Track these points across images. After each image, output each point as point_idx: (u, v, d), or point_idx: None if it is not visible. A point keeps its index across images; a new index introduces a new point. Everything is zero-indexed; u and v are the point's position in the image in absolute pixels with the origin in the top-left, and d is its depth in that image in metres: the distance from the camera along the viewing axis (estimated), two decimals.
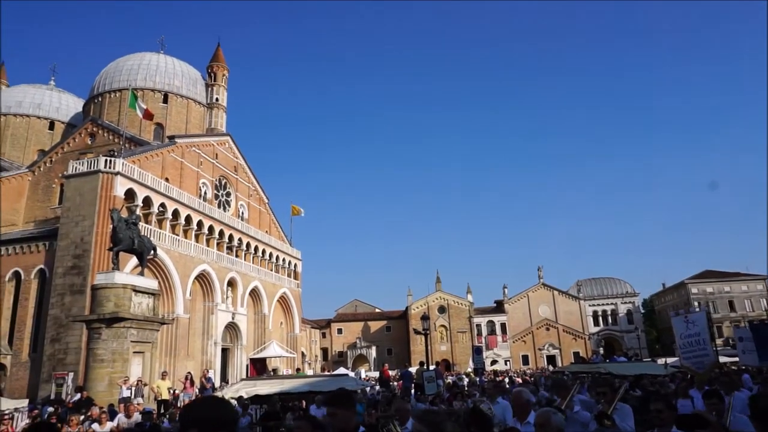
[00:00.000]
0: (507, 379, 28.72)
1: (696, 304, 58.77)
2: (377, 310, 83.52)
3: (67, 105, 51.53)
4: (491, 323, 70.12)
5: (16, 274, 33.06)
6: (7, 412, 15.80)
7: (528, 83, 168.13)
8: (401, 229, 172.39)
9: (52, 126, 49.76)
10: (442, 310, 69.98)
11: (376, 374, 41.80)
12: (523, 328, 69.46)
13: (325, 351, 75.22)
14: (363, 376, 41.53)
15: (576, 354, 63.28)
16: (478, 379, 25.04)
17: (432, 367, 22.25)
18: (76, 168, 32.35)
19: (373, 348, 70.52)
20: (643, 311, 74.08)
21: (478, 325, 69.57)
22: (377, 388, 23.00)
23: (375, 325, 75.96)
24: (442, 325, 69.20)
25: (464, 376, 31.03)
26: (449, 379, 26.95)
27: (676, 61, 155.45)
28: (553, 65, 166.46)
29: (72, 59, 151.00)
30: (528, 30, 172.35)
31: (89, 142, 41.42)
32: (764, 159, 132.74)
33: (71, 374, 26.85)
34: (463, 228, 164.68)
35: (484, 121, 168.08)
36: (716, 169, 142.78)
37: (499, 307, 72.19)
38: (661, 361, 26.96)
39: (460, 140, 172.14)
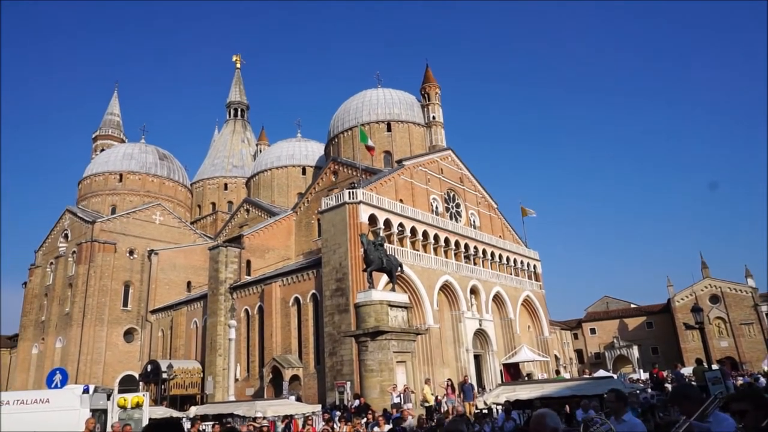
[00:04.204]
0: None
1: None
2: (633, 306, 75.98)
3: (312, 151, 59.85)
4: None
5: (297, 300, 39.13)
6: (308, 414, 18.75)
7: None
8: (647, 213, 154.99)
9: (304, 171, 58.34)
10: (714, 299, 60.25)
11: (643, 376, 37.95)
12: None
13: (579, 353, 71.22)
14: (640, 377, 37.77)
15: None
16: None
17: (714, 367, 19.27)
18: (327, 204, 37.18)
19: (635, 347, 64.07)
20: None
21: None
22: (649, 391, 20.77)
23: (633, 322, 69.13)
24: (719, 317, 59.43)
25: (761, 377, 25.97)
26: (739, 380, 22.94)
27: None
28: None
29: (311, 111, 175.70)
30: None
31: (333, 179, 47.29)
32: None
33: (348, 383, 30.36)
34: (730, 200, 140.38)
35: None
36: None
37: None
38: None
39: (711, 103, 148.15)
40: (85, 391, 12.15)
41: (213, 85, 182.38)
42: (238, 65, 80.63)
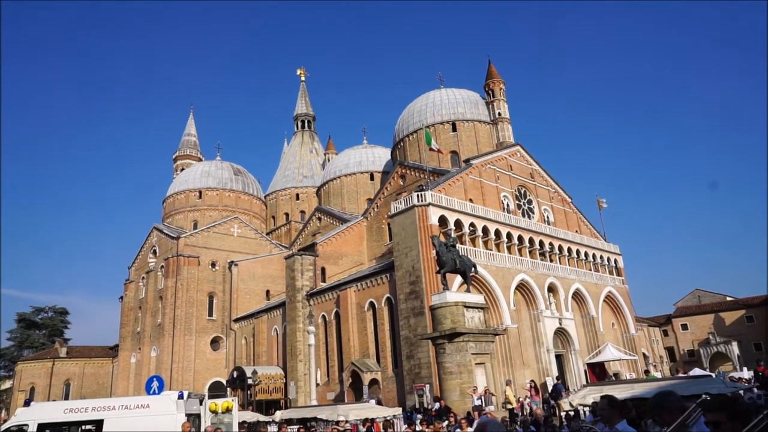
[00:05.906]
0: None
1: None
2: (729, 299, 70.66)
3: (379, 156, 60.37)
4: None
5: (372, 304, 39.50)
6: (389, 418, 18.84)
7: None
8: (738, 199, 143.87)
9: (372, 177, 58.95)
10: None
11: (746, 375, 35.18)
12: None
13: (670, 351, 67.15)
14: (743, 376, 34.87)
15: None
16: None
17: None
18: (396, 208, 37.28)
19: (734, 343, 59.53)
20: None
21: None
22: (755, 390, 19.19)
23: (730, 317, 64.30)
24: None
25: None
26: None
27: None
28: None
29: (375, 117, 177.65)
30: None
31: (401, 183, 47.43)
32: None
33: (427, 386, 30.23)
34: None
35: None
36: None
37: None
38: None
39: None
40: (180, 396, 12.86)
41: (280, 99, 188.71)
42: (303, 78, 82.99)
